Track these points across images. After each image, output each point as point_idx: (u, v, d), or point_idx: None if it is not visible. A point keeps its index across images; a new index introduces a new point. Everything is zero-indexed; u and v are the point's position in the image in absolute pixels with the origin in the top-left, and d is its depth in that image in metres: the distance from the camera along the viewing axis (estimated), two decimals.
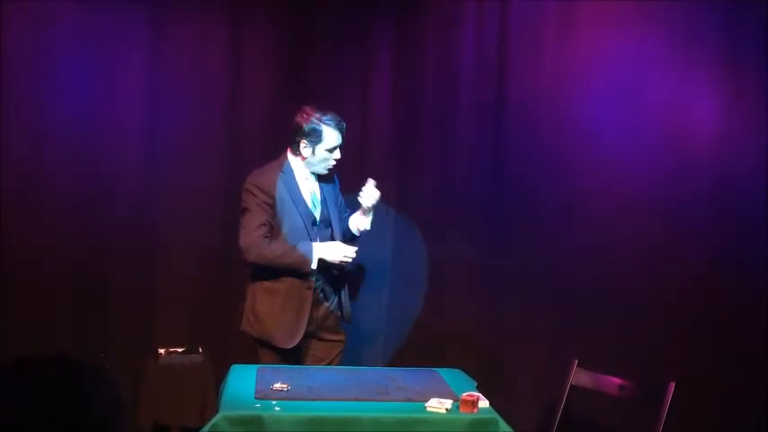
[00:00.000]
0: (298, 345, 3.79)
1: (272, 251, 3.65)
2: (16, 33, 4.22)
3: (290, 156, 3.79)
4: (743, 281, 4.47)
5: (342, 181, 4.08)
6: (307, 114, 3.69)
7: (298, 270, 3.68)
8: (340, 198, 4.01)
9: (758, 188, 4.45)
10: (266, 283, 3.75)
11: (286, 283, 3.71)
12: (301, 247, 3.67)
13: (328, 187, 3.89)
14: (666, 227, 4.49)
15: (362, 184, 4.42)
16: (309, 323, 3.77)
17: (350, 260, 3.71)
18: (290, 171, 3.76)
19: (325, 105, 3.94)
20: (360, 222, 3.91)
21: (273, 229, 3.71)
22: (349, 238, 3.98)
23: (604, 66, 4.49)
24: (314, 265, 3.67)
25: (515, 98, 4.51)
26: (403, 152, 4.56)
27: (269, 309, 3.74)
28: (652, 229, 4.49)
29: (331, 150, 3.72)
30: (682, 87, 4.46)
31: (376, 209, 3.88)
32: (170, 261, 4.42)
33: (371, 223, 3.94)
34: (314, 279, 3.72)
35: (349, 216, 4.02)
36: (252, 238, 3.64)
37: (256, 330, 3.77)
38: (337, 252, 3.69)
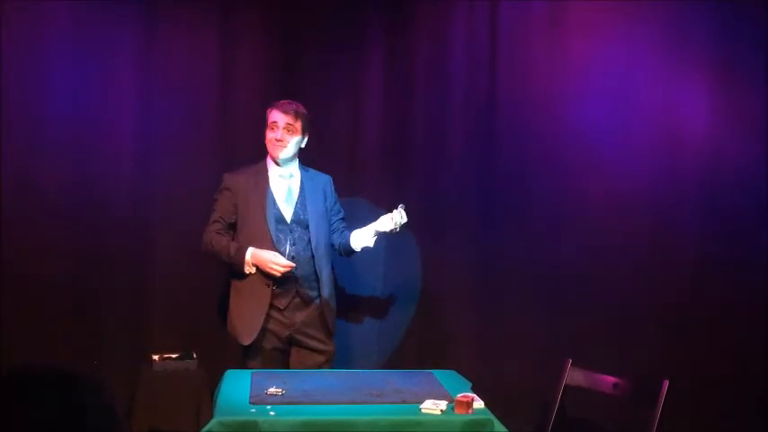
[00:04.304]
0: (283, 350, 3.86)
1: (212, 246, 3.83)
2: (11, 35, 4.20)
3: (268, 156, 3.91)
4: (738, 279, 4.47)
5: (335, 183, 4.08)
6: None
7: (237, 270, 3.80)
8: (337, 205, 4.02)
9: (753, 187, 4.45)
10: (235, 282, 3.89)
11: (249, 282, 3.80)
12: (238, 249, 3.78)
13: (314, 189, 3.92)
14: (661, 225, 4.49)
15: (356, 186, 4.44)
16: (286, 326, 3.82)
17: (276, 273, 3.72)
18: (264, 170, 3.89)
19: (318, 106, 3.97)
20: (365, 241, 3.91)
21: (237, 226, 3.86)
22: (346, 252, 3.98)
23: (596, 66, 4.48)
24: (248, 268, 3.77)
25: (507, 99, 4.50)
26: (395, 153, 4.55)
27: (236, 306, 3.87)
28: (646, 227, 4.49)
29: (272, 128, 3.84)
30: (674, 87, 4.45)
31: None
32: (163, 266, 4.40)
33: (356, 219, 4.00)
34: (272, 280, 3.76)
35: (344, 226, 4.01)
36: (206, 231, 3.86)
37: (229, 327, 3.89)
38: (265, 261, 3.74)
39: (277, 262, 3.71)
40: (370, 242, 3.91)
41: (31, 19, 4.23)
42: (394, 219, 3.77)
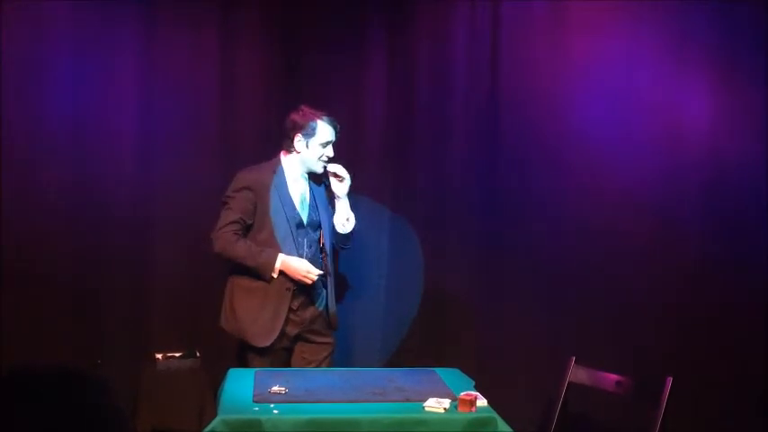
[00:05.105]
0: (287, 347, 3.84)
1: (235, 250, 3.72)
2: (11, 35, 4.19)
3: (282, 157, 3.85)
4: (739, 278, 4.47)
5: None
6: (303, 111, 3.81)
7: (259, 274, 3.73)
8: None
9: (753, 187, 4.46)
10: (245, 282, 3.80)
11: (264, 284, 3.75)
12: (266, 254, 3.72)
13: (320, 191, 3.92)
14: (662, 225, 4.50)
15: (358, 184, 4.43)
16: (297, 325, 3.80)
17: (309, 282, 3.72)
18: (281, 171, 3.83)
19: (319, 106, 3.97)
20: (342, 213, 3.89)
21: (254, 227, 3.77)
22: (341, 243, 3.99)
23: (597, 65, 4.49)
24: (274, 274, 3.72)
25: (508, 98, 4.50)
26: (396, 153, 4.56)
27: (247, 307, 3.79)
28: (647, 227, 4.50)
29: (324, 145, 3.80)
30: (675, 86, 4.46)
31: (366, 206, 3.92)
32: (163, 266, 4.41)
33: (357, 219, 3.96)
34: (293, 283, 3.75)
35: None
36: (222, 232, 3.73)
37: (233, 328, 3.82)
38: (299, 270, 3.72)
39: (310, 270, 3.71)
40: (348, 214, 3.90)
41: (31, 19, 4.23)
42: (339, 174, 3.83)
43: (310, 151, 3.80)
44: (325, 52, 4.47)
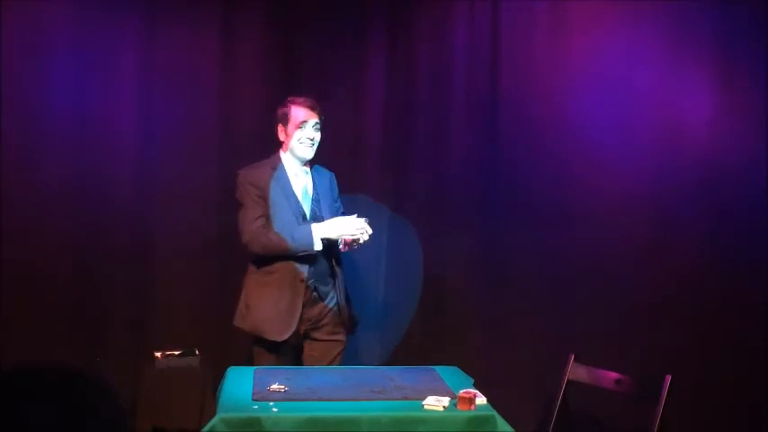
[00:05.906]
0: (294, 345, 3.82)
1: (271, 241, 3.68)
2: (11, 35, 4.20)
3: (282, 154, 3.86)
4: (739, 277, 4.47)
5: (337, 181, 4.09)
6: (282, 103, 3.82)
7: (304, 253, 3.68)
8: (338, 202, 4.03)
9: (753, 185, 4.46)
10: (258, 277, 3.78)
11: (277, 276, 3.73)
12: (300, 230, 3.68)
13: (323, 185, 3.92)
14: (662, 223, 4.50)
15: (357, 184, 4.46)
16: (302, 322, 3.78)
17: (361, 233, 3.65)
18: (281, 167, 3.82)
19: (319, 105, 3.99)
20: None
21: (268, 222, 3.74)
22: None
23: (597, 64, 4.50)
24: (318, 246, 3.67)
25: (508, 97, 4.52)
26: (397, 151, 4.57)
27: (262, 301, 3.76)
28: (648, 225, 4.50)
29: (301, 127, 3.76)
30: (675, 84, 4.47)
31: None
32: (166, 263, 4.42)
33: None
34: (305, 273, 3.73)
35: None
36: (251, 232, 3.69)
37: (248, 324, 3.79)
38: (340, 227, 3.67)
39: (350, 223, 3.65)
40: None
41: (31, 19, 4.24)
42: (366, 232, 3.71)
43: (290, 137, 3.78)
44: (325, 52, 4.48)
